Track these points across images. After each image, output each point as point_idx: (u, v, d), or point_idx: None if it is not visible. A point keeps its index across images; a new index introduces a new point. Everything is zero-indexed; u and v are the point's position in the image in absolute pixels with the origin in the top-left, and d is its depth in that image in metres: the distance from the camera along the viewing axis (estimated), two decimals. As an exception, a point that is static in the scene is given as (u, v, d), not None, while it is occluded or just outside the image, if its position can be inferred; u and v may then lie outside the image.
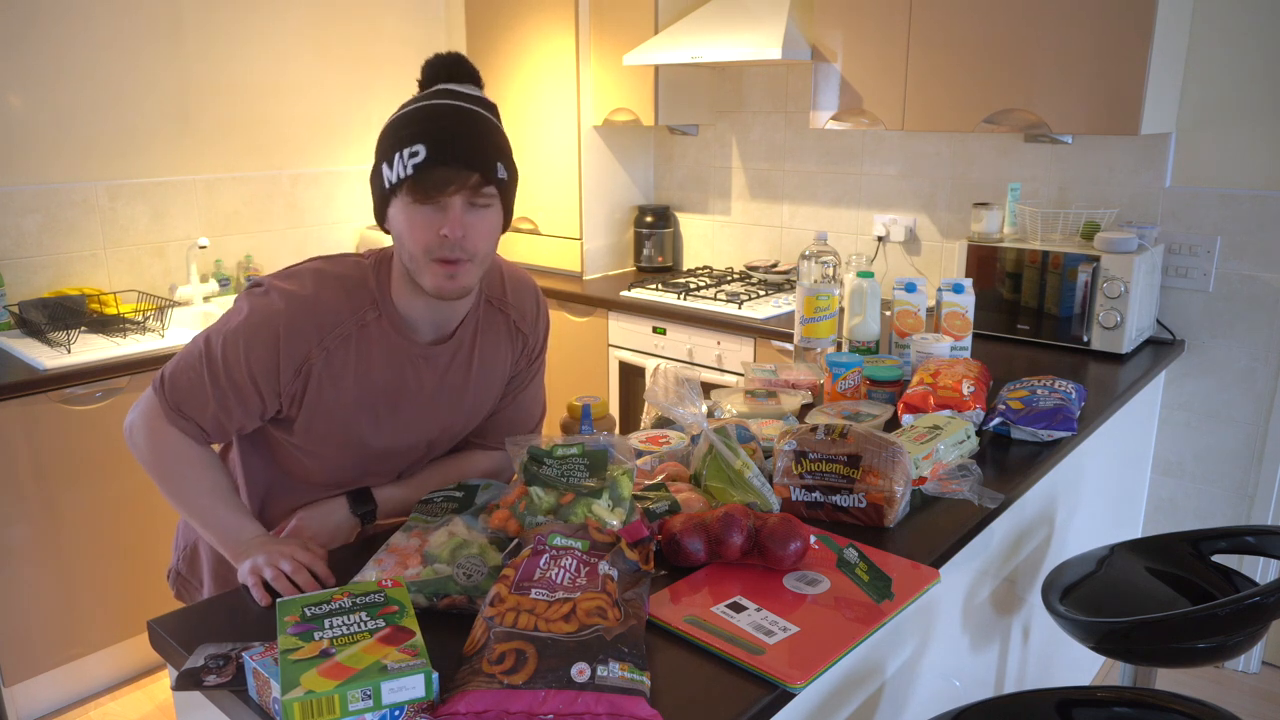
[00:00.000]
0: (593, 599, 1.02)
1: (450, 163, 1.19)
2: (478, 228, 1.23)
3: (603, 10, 3.36)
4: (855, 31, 2.76)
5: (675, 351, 3.13)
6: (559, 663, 0.94)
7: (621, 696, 0.92)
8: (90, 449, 2.51)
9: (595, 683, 0.93)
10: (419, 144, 1.19)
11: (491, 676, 0.93)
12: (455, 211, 1.21)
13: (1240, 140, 2.48)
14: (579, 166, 3.50)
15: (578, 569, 1.08)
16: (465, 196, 1.21)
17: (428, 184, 1.19)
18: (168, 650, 1.13)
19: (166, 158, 3.13)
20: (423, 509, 1.33)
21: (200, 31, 3.14)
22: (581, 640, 0.96)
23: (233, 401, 1.30)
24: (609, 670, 0.94)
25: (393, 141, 1.22)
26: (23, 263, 2.84)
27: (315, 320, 1.29)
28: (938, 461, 1.54)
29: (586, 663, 0.94)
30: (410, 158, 1.19)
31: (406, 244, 1.24)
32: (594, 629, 0.98)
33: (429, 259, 1.22)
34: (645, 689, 0.95)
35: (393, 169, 1.21)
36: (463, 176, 1.20)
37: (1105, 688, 1.26)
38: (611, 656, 0.95)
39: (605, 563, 1.10)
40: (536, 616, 0.99)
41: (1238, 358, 2.57)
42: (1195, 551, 1.76)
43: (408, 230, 1.23)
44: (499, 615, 1.00)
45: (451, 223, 1.20)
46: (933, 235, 3.09)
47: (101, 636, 2.63)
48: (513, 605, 1.01)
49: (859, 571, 1.16)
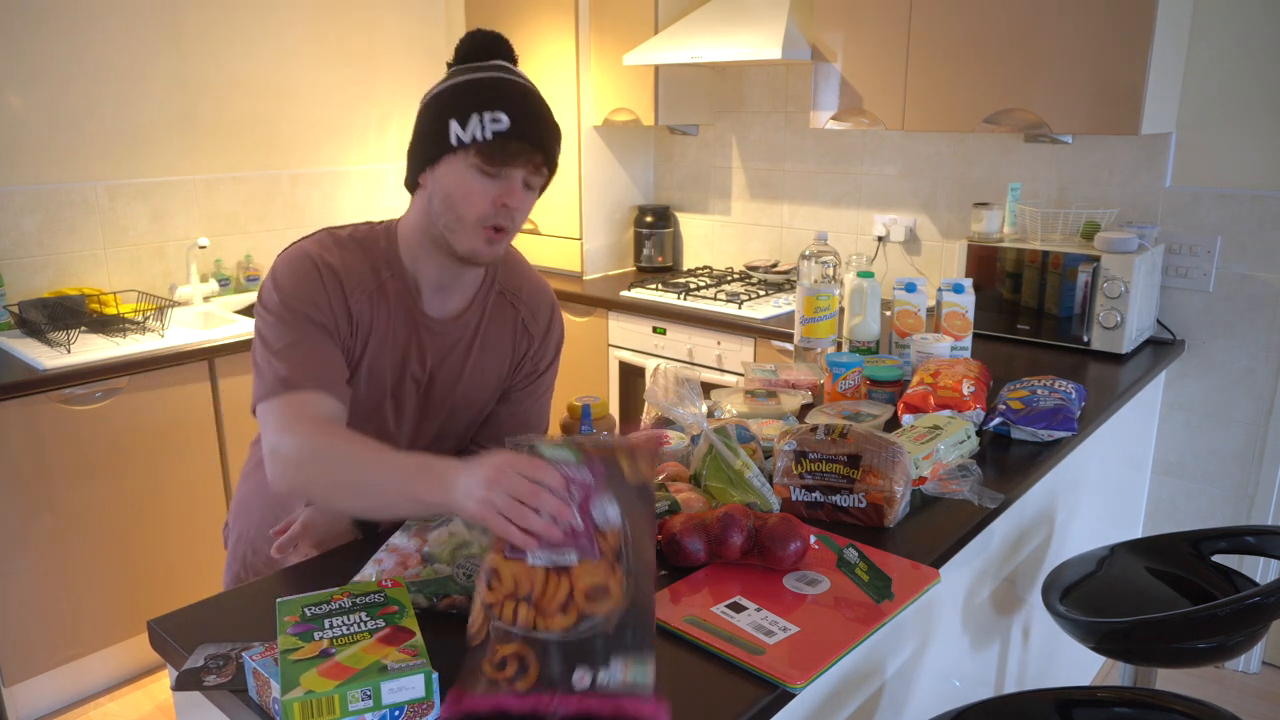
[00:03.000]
0: (590, 572, 0.97)
1: (525, 138, 1.22)
2: (525, 204, 1.28)
3: (603, 10, 3.36)
4: (855, 31, 2.76)
5: (675, 351, 3.13)
6: (560, 670, 0.93)
7: (624, 699, 0.92)
8: (90, 449, 2.51)
9: (597, 689, 0.92)
10: (503, 111, 1.21)
11: (495, 682, 0.93)
12: (517, 183, 1.24)
13: (1240, 140, 2.48)
14: (579, 166, 3.50)
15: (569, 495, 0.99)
16: (527, 173, 1.25)
17: (502, 153, 1.21)
18: (168, 650, 1.13)
19: (166, 158, 3.13)
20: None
21: (200, 32, 3.14)
22: (581, 641, 0.94)
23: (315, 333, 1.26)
24: (610, 675, 0.93)
25: (471, 102, 1.22)
26: (23, 263, 2.84)
27: (343, 270, 1.30)
28: (938, 461, 1.54)
29: (587, 668, 0.92)
30: (493, 122, 1.20)
31: (458, 206, 1.24)
32: (593, 623, 0.94)
33: (480, 224, 1.25)
34: (648, 685, 0.93)
35: (467, 129, 1.21)
36: (531, 153, 1.24)
37: (1105, 688, 1.26)
38: (614, 654, 0.93)
39: (599, 502, 0.99)
40: (534, 610, 0.96)
41: (1238, 358, 2.57)
42: (1195, 551, 1.76)
43: (462, 192, 1.24)
44: (498, 606, 0.97)
45: (515, 194, 1.24)
46: (933, 235, 3.09)
47: (101, 636, 2.63)
48: (510, 589, 0.98)
49: (859, 571, 1.16)
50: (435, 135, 1.25)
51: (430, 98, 1.28)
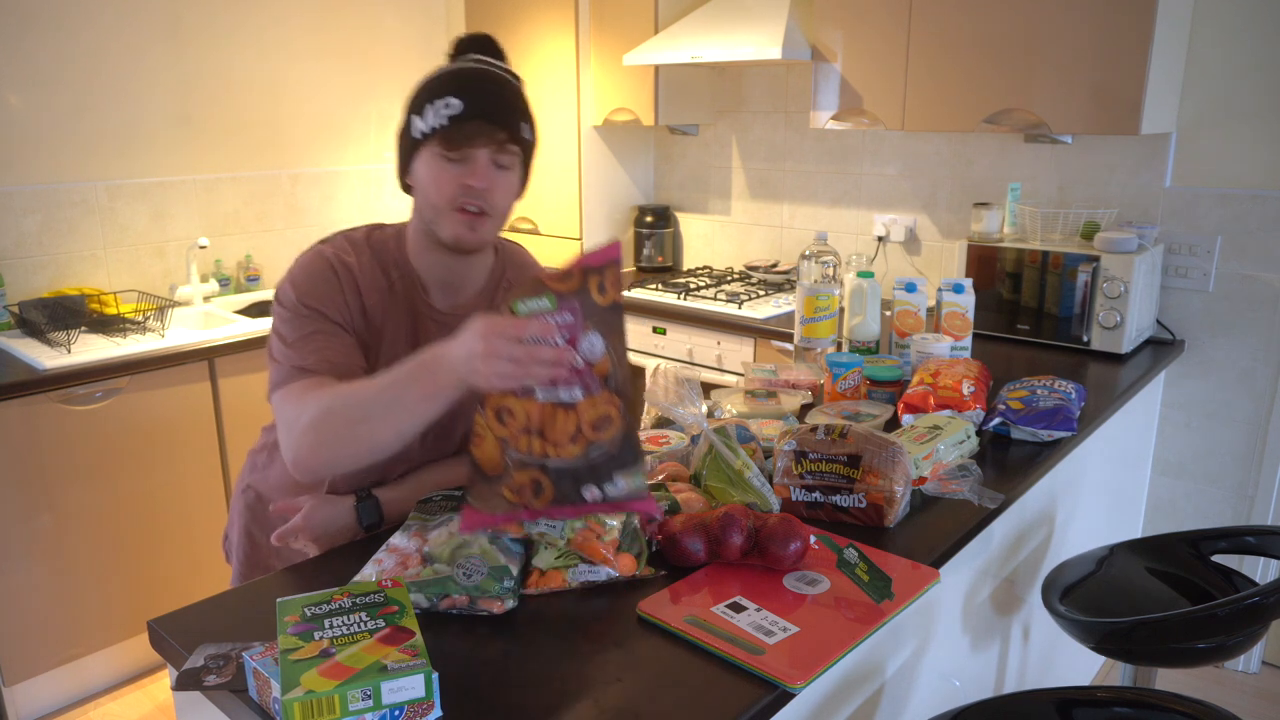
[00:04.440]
0: (594, 405, 1.07)
1: (481, 117, 1.25)
2: (500, 184, 1.30)
3: (603, 10, 3.36)
4: (855, 31, 2.76)
5: (675, 351, 3.13)
6: (572, 488, 1.07)
7: (625, 503, 1.08)
8: (90, 449, 2.51)
9: (606, 499, 1.08)
10: (453, 97, 1.25)
11: (515, 504, 1.08)
12: (482, 164, 1.27)
13: (1240, 140, 2.48)
14: (579, 166, 3.50)
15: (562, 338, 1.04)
16: (491, 152, 1.27)
17: (458, 136, 1.25)
18: (168, 650, 1.13)
19: (166, 158, 3.13)
20: (422, 509, 1.33)
21: (200, 32, 3.14)
22: (591, 464, 1.07)
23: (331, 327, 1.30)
24: (615, 488, 1.08)
25: (425, 95, 1.27)
26: (23, 263, 2.84)
27: (358, 270, 1.34)
28: (938, 461, 1.54)
29: (595, 485, 1.07)
30: (445, 109, 1.25)
31: (430, 195, 1.29)
32: (600, 448, 1.07)
33: (451, 209, 1.28)
34: (644, 489, 1.09)
35: (425, 119, 1.26)
36: (491, 131, 1.26)
37: (1105, 688, 1.26)
38: (616, 470, 1.07)
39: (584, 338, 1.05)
40: (545, 441, 1.08)
41: (1238, 358, 2.57)
42: (1195, 551, 1.76)
43: (433, 182, 1.28)
44: (513, 438, 1.09)
45: (478, 174, 1.26)
46: (933, 235, 3.09)
47: (101, 636, 2.63)
48: (523, 423, 1.08)
49: (859, 571, 1.16)
50: (405, 134, 1.32)
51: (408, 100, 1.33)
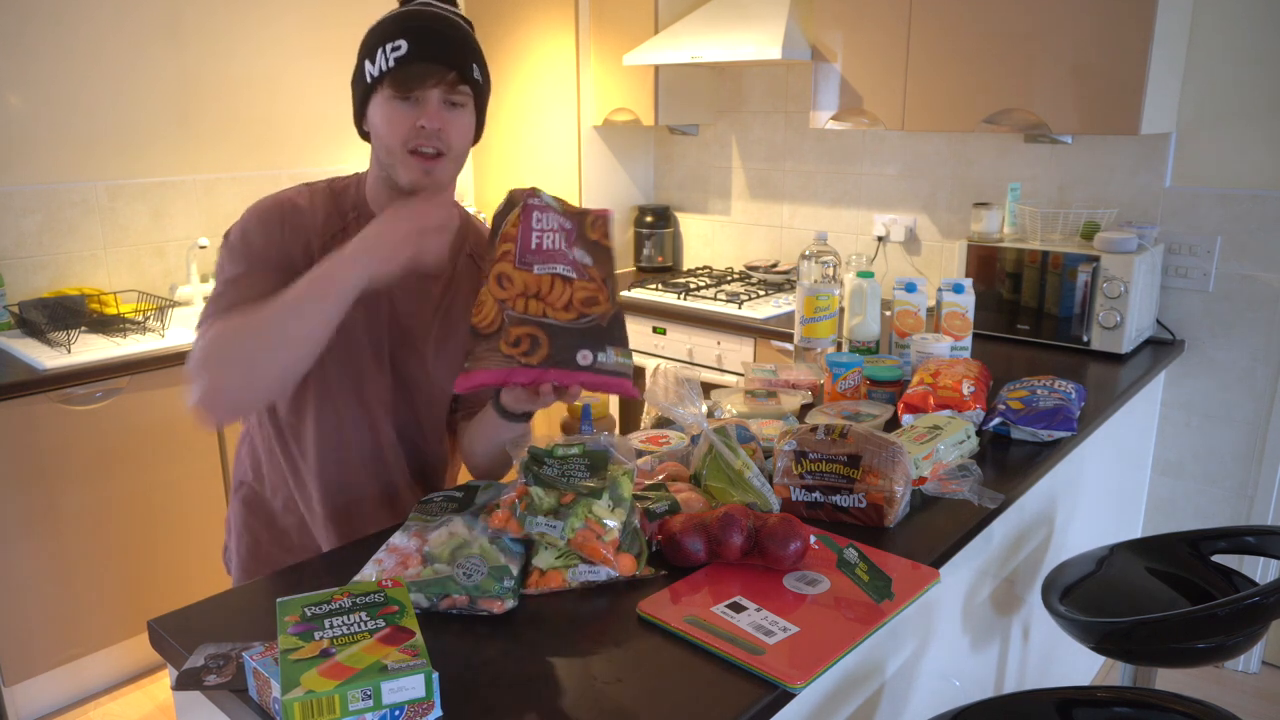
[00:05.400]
0: (584, 288, 1.17)
1: (430, 59, 1.25)
2: (454, 124, 1.29)
3: (603, 10, 3.36)
4: (855, 31, 2.76)
5: (675, 351, 3.13)
6: (566, 348, 1.12)
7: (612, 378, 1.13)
8: (90, 449, 2.51)
9: (596, 367, 1.13)
10: (400, 39, 1.25)
11: (510, 357, 1.12)
12: (433, 104, 1.26)
13: (1240, 140, 2.48)
14: (579, 166, 3.50)
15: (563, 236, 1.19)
16: (443, 92, 1.27)
17: (408, 76, 1.25)
18: (168, 650, 1.13)
19: (166, 157, 3.13)
20: (422, 509, 1.33)
21: (200, 31, 3.14)
22: (583, 329, 1.14)
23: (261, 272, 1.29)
24: (607, 356, 1.14)
25: (375, 40, 1.28)
26: (23, 263, 2.84)
27: (310, 212, 1.34)
28: (938, 461, 1.54)
29: (589, 349, 1.13)
30: (393, 51, 1.25)
31: (384, 139, 1.28)
32: (591, 319, 1.15)
33: (405, 151, 1.27)
34: (630, 370, 1.15)
35: (375, 63, 1.27)
36: (440, 72, 1.26)
37: (1105, 688, 1.26)
38: (608, 343, 1.14)
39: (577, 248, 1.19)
40: (542, 302, 1.15)
41: (1238, 358, 2.57)
42: (1195, 551, 1.76)
43: (386, 124, 1.27)
44: (510, 300, 1.15)
45: (429, 114, 1.26)
46: (933, 235, 3.09)
47: (101, 636, 2.63)
48: (521, 289, 1.16)
49: (859, 571, 1.16)
50: (359, 80, 1.31)
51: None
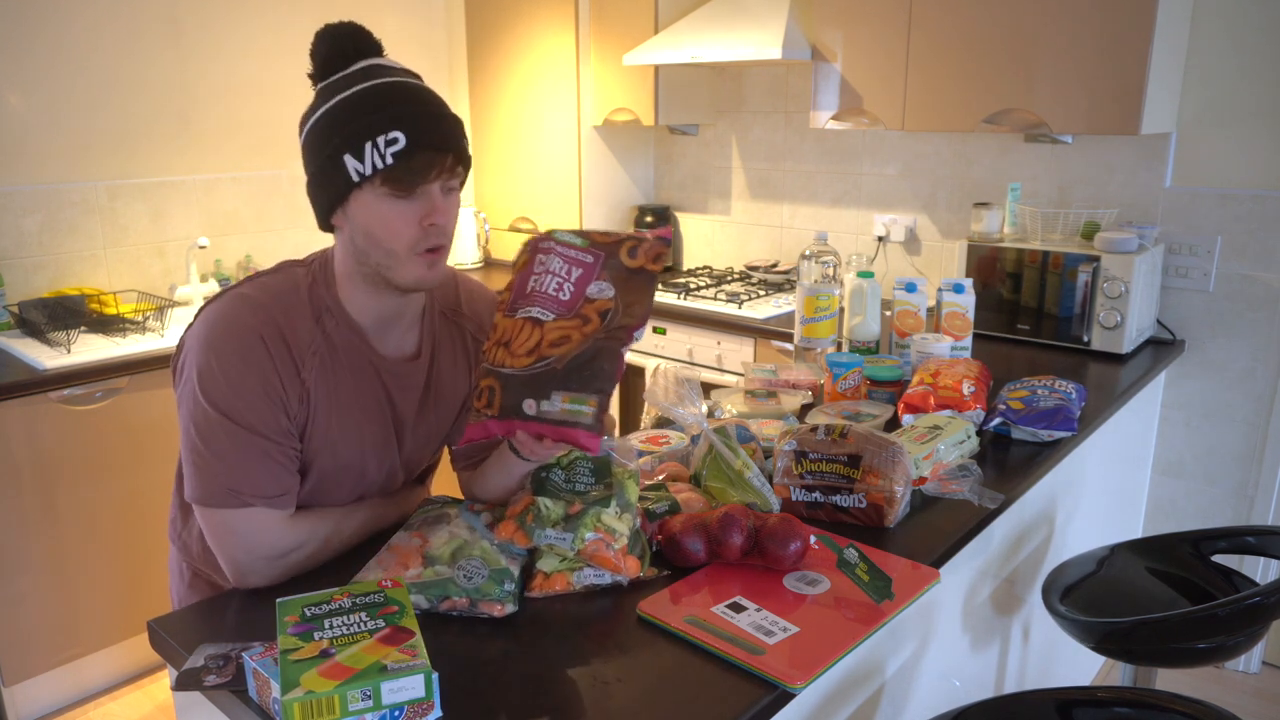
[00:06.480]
0: (558, 328, 1.11)
1: (430, 147, 1.12)
2: (453, 210, 1.19)
3: (603, 10, 3.36)
4: (855, 31, 2.76)
5: (675, 351, 3.13)
6: (514, 397, 1.09)
7: (562, 427, 1.07)
8: (90, 449, 2.51)
9: (540, 415, 1.07)
10: (395, 130, 1.10)
11: (479, 412, 1.11)
12: (438, 198, 1.15)
13: (1240, 140, 2.48)
14: (579, 166, 3.50)
15: (569, 273, 1.14)
16: (444, 180, 1.16)
17: (409, 172, 1.12)
18: (168, 650, 1.13)
19: (166, 158, 3.13)
20: (424, 509, 1.33)
21: (199, 31, 3.14)
22: (534, 374, 1.09)
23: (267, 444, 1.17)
24: (551, 404, 1.07)
25: (360, 129, 1.11)
26: (23, 263, 2.84)
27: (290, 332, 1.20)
28: (938, 461, 1.54)
29: (533, 397, 1.08)
30: (388, 146, 1.10)
31: (382, 240, 1.15)
32: (546, 362, 1.08)
33: (413, 253, 1.16)
34: (585, 417, 1.07)
35: (365, 161, 1.11)
36: (441, 160, 1.14)
37: (1105, 688, 1.26)
38: (555, 389, 1.07)
39: (596, 282, 1.13)
40: (507, 350, 1.11)
41: (1238, 358, 2.57)
42: (1195, 551, 1.76)
43: (384, 227, 1.14)
44: (489, 351, 1.13)
45: (437, 210, 1.15)
46: (933, 235, 3.09)
47: (101, 636, 2.63)
48: (496, 337, 1.13)
49: (859, 571, 1.16)
50: (334, 174, 1.14)
51: (310, 129, 1.16)
